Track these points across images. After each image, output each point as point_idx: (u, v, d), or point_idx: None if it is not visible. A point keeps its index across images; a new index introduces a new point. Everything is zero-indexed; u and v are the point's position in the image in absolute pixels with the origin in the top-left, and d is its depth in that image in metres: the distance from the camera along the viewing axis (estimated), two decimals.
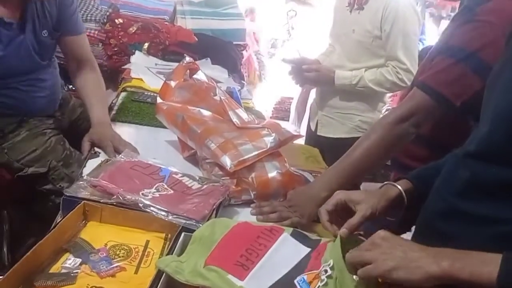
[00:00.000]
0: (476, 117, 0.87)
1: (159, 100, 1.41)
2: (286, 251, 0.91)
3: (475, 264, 0.64)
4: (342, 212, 0.92)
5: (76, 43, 1.65)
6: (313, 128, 2.22)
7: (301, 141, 2.35)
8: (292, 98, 5.15)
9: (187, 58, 1.46)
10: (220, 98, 1.38)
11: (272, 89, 5.91)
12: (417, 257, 0.67)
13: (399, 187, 0.93)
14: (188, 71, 1.42)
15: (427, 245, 0.70)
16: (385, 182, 0.96)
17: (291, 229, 0.99)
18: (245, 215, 1.19)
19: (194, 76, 1.42)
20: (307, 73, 2.05)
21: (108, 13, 2.23)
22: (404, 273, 0.67)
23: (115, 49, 2.21)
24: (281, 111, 5.32)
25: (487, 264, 0.64)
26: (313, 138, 2.17)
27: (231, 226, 0.95)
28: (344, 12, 2.03)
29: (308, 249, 0.91)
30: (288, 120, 5.34)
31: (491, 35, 1.13)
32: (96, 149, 1.38)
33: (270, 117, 5.49)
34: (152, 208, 1.00)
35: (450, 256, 0.66)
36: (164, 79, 1.99)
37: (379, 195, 0.92)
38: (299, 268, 0.85)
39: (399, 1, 1.88)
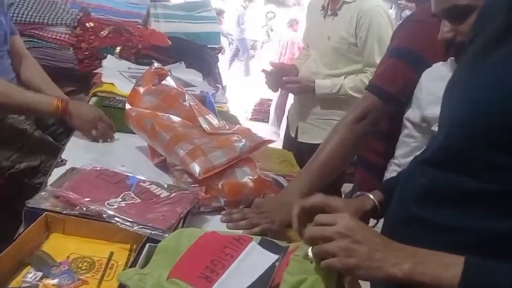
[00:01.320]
0: None
1: (128, 106, 1.39)
2: (253, 260, 0.89)
3: (438, 267, 0.64)
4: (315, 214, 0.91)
5: (17, 41, 1.77)
6: (293, 134, 2.22)
7: (278, 145, 2.35)
8: (271, 100, 5.16)
9: (156, 64, 1.44)
10: (190, 104, 1.36)
11: (252, 90, 5.93)
12: (379, 258, 0.66)
13: (373, 198, 0.94)
14: (157, 76, 1.40)
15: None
16: (359, 193, 0.98)
17: (259, 237, 0.98)
18: (215, 222, 1.17)
19: (163, 82, 1.40)
20: (288, 85, 2.06)
21: (78, 17, 2.19)
22: (366, 272, 0.67)
23: (86, 53, 2.17)
24: (261, 112, 5.34)
25: (449, 268, 0.63)
26: (293, 145, 2.16)
27: (198, 236, 0.94)
28: (318, 17, 2.04)
29: (276, 256, 0.90)
30: (267, 122, 5.35)
31: (425, 33, 1.22)
32: (63, 157, 1.35)
33: (250, 119, 5.50)
34: (116, 219, 0.97)
35: (413, 258, 0.66)
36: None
37: (356, 206, 0.93)
38: (265, 277, 0.84)
39: (372, 8, 1.90)
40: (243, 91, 6.08)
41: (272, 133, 4.82)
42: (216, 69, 2.46)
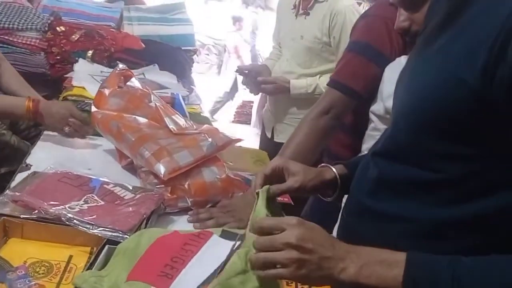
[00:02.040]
0: None
1: (93, 109, 1.37)
2: (214, 251, 0.89)
3: (382, 268, 0.64)
4: (277, 180, 0.91)
5: None
6: (269, 135, 2.21)
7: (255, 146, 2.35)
8: (253, 102, 5.17)
9: (120, 65, 1.43)
10: (156, 104, 1.35)
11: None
12: (328, 266, 0.66)
13: (334, 170, 0.94)
14: (122, 78, 1.38)
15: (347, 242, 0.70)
16: (323, 164, 0.98)
17: (220, 230, 0.97)
18: (182, 223, 1.16)
19: (128, 83, 1.39)
20: (264, 85, 2.06)
21: (49, 21, 2.16)
22: (315, 281, 0.68)
23: (58, 57, 2.13)
24: (243, 114, 5.34)
25: (392, 268, 0.63)
26: (269, 145, 2.16)
27: (158, 237, 0.93)
28: (289, 16, 2.04)
29: (233, 242, 0.90)
30: (250, 124, 5.36)
31: (380, 27, 1.24)
32: (27, 161, 1.33)
33: (233, 121, 5.50)
34: (75, 221, 0.96)
35: (358, 261, 0.65)
36: None
37: (314, 174, 0.93)
38: (224, 265, 0.83)
39: (345, 8, 1.90)
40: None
41: (254, 135, 4.82)
42: (190, 71, 2.45)
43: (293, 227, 0.67)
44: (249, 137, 4.94)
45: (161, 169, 1.16)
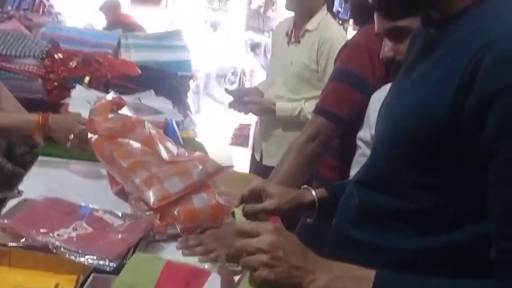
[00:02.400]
0: None
1: (89, 135, 1.39)
2: None
3: (352, 284, 0.65)
4: (256, 201, 0.93)
5: None
6: (258, 158, 2.24)
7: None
8: (250, 125, 5.20)
9: (112, 93, 1.45)
10: (150, 131, 1.37)
11: (231, 115, 5.98)
12: (297, 275, 0.67)
13: (314, 193, 0.96)
14: (114, 106, 1.41)
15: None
16: (305, 186, 1.00)
17: (217, 267, 0.98)
18: (171, 250, 1.17)
19: (120, 111, 1.41)
20: (250, 106, 2.11)
21: (47, 48, 2.21)
22: (285, 286, 0.69)
23: (55, 83, 2.17)
24: (240, 137, 5.37)
25: (361, 283, 0.65)
26: (258, 168, 2.18)
27: (155, 272, 0.93)
28: (282, 44, 2.10)
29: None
30: (247, 146, 5.37)
31: (362, 55, 1.28)
32: (20, 188, 1.34)
33: (230, 144, 5.52)
34: (62, 249, 0.97)
35: (329, 274, 0.67)
36: None
37: (291, 196, 0.95)
38: None
39: (332, 36, 1.97)
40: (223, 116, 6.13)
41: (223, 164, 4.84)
42: (186, 96, 2.48)
43: (267, 233, 0.70)
44: (246, 160, 4.95)
45: (151, 196, 1.17)
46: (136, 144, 1.36)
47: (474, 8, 0.66)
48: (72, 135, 1.47)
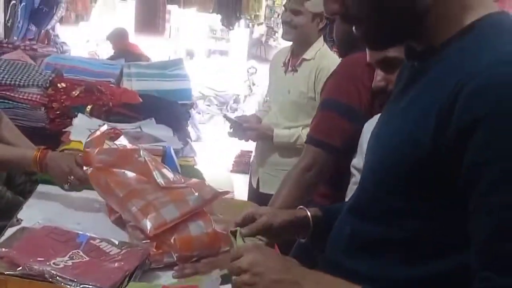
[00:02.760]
0: None
1: (84, 168, 1.41)
2: None
3: None
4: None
5: None
6: (254, 185, 2.25)
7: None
8: (251, 151, 5.21)
9: (105, 126, 1.47)
10: (145, 159, 1.39)
11: (233, 142, 6.02)
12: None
13: (307, 211, 0.98)
14: (110, 137, 1.44)
15: None
16: (300, 206, 1.02)
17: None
18: (167, 278, 1.17)
19: (117, 141, 1.44)
20: (248, 132, 2.14)
21: (51, 78, 2.26)
22: None
23: (58, 112, 2.21)
24: (241, 164, 5.37)
25: None
26: (255, 196, 2.20)
27: None
28: (280, 73, 2.15)
29: None
30: (248, 173, 5.37)
31: (348, 84, 1.32)
32: (19, 216, 1.35)
33: (231, 170, 5.53)
34: (58, 278, 0.97)
35: (315, 286, 0.69)
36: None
37: (283, 215, 0.97)
38: None
39: (329, 65, 2.01)
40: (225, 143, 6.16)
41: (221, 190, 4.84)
42: (186, 124, 2.51)
43: (248, 253, 0.73)
44: (247, 187, 4.95)
45: (148, 224, 1.19)
46: (131, 174, 1.37)
47: (456, 40, 0.69)
48: (66, 184, 1.45)
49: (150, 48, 6.19)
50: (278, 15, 10.55)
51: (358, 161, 1.30)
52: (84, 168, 1.39)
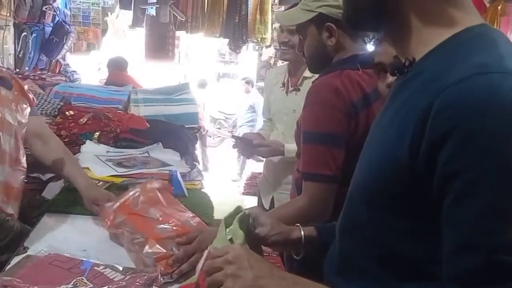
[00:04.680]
0: None
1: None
2: None
3: None
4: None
5: (37, 121, 1.80)
6: (266, 206, 2.23)
7: None
8: (261, 173, 5.20)
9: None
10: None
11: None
12: (263, 284, 0.70)
13: (302, 231, 0.98)
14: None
15: None
16: (297, 224, 1.02)
17: None
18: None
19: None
20: (259, 148, 2.12)
21: (59, 106, 2.30)
22: None
23: (66, 140, 2.24)
24: (253, 186, 5.35)
25: None
26: None
27: None
28: (280, 93, 2.15)
29: None
30: None
31: (325, 112, 1.30)
32: (25, 244, 1.36)
33: (242, 193, 5.53)
34: None
35: (294, 286, 0.69)
36: (113, 166, 2.03)
37: (281, 230, 0.97)
38: None
39: None
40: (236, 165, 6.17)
41: None
42: (193, 148, 2.52)
43: (234, 249, 0.75)
44: None
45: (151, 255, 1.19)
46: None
47: (435, 53, 0.68)
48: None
49: (160, 72, 6.28)
50: None
51: None
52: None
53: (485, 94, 0.58)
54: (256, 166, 5.27)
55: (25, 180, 1.90)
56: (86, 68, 6.93)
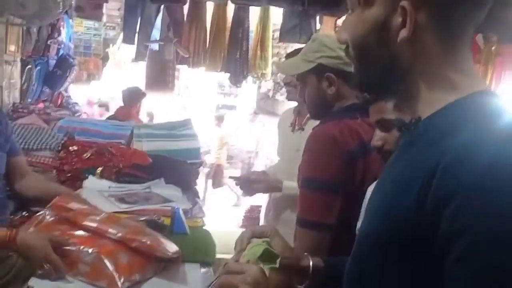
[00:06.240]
0: None
1: None
2: None
3: None
4: None
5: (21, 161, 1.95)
6: None
7: None
8: (261, 206, 5.19)
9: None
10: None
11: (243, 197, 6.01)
12: None
13: (310, 261, 1.00)
14: None
15: None
16: (305, 253, 1.05)
17: None
18: None
19: None
20: (257, 185, 2.15)
21: (63, 141, 2.32)
22: None
23: (69, 175, 2.25)
24: (251, 219, 5.33)
25: None
26: None
27: None
28: (288, 132, 2.19)
29: None
30: None
31: (323, 160, 1.37)
32: (30, 284, 1.35)
33: (241, 226, 5.49)
34: None
35: None
36: (115, 202, 2.04)
37: (292, 255, 0.99)
38: None
39: None
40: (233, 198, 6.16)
41: None
42: (195, 183, 2.53)
43: (252, 270, 0.76)
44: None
45: None
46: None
47: (440, 115, 0.71)
48: (40, 269, 1.37)
49: (160, 104, 6.36)
50: None
51: None
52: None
53: (490, 157, 0.61)
54: (254, 198, 5.25)
55: (26, 214, 1.92)
56: (87, 98, 6.99)
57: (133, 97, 4.59)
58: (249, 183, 2.18)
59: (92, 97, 8.08)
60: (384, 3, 0.71)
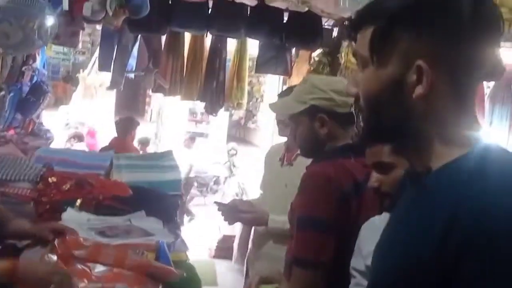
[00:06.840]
0: None
1: None
2: None
3: None
4: None
5: None
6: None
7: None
8: (234, 236, 5.16)
9: None
10: None
11: (214, 226, 5.95)
12: None
13: None
14: None
15: None
16: None
17: None
18: None
19: None
20: (243, 214, 2.15)
21: (42, 172, 2.27)
22: None
23: (47, 207, 2.19)
24: (224, 249, 5.28)
25: None
26: None
27: None
28: (276, 166, 2.22)
29: None
30: (231, 259, 5.27)
31: (314, 197, 1.37)
32: None
33: (213, 256, 5.43)
34: None
35: None
36: (95, 235, 2.00)
37: None
38: None
39: None
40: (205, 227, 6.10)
41: (236, 271, 4.72)
42: (176, 215, 2.51)
43: None
44: (230, 274, 4.83)
45: None
46: None
47: (449, 168, 0.75)
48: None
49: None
50: (256, 99, 11.02)
51: (359, 264, 1.33)
52: None
53: (506, 204, 0.66)
54: (228, 228, 5.22)
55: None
56: (54, 123, 6.84)
57: (127, 127, 4.51)
58: (235, 212, 2.17)
59: (60, 122, 7.93)
60: (399, 63, 0.74)
